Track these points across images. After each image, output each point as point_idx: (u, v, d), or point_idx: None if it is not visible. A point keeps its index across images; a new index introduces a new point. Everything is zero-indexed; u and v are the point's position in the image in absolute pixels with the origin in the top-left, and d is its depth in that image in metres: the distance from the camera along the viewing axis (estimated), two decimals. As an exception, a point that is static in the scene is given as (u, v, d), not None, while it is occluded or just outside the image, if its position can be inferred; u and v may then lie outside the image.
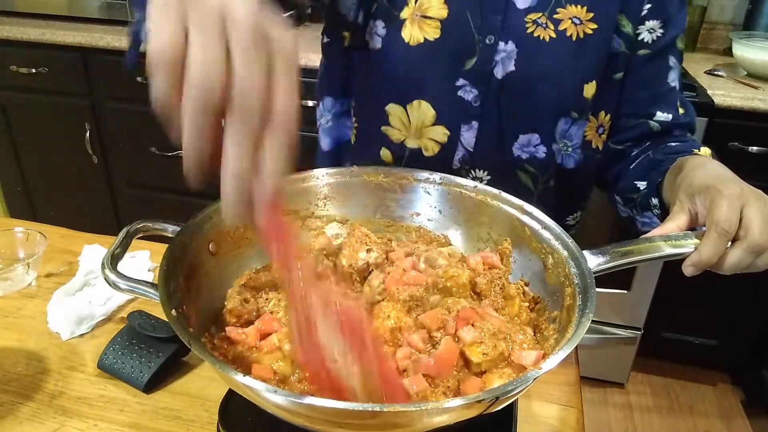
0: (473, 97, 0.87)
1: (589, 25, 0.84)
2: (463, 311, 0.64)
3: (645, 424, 2.14)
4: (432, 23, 0.85)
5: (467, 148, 0.90)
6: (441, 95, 0.88)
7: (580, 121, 0.89)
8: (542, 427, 0.72)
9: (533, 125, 0.89)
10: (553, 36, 0.84)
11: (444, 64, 0.86)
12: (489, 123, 0.88)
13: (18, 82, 2.35)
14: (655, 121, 0.91)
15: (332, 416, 0.48)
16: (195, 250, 0.66)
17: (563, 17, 0.84)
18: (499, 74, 0.86)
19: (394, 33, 0.86)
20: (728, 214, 0.61)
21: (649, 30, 0.87)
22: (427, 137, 0.90)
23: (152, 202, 2.52)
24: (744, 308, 2.09)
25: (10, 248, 0.98)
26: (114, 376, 0.76)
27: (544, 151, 0.90)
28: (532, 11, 0.85)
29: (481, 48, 0.85)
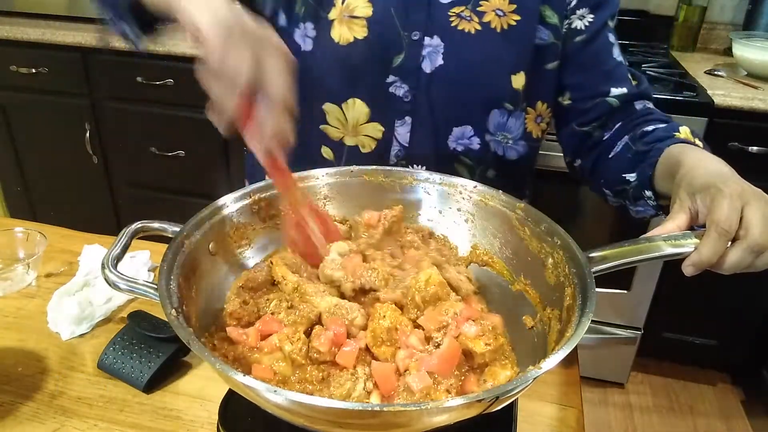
0: (404, 93, 0.89)
1: (513, 16, 0.86)
2: (464, 311, 0.64)
3: (645, 424, 2.14)
4: (359, 22, 0.86)
5: (402, 143, 0.91)
6: (373, 92, 0.89)
7: (516, 113, 0.91)
8: (542, 427, 0.73)
9: (465, 118, 0.90)
10: (479, 28, 0.85)
11: (374, 61, 0.88)
12: (422, 117, 0.90)
13: (18, 82, 2.35)
14: (612, 97, 0.92)
15: (332, 416, 0.48)
16: (195, 250, 0.66)
17: (486, 9, 0.86)
18: (428, 69, 0.87)
19: (324, 34, 0.88)
20: (728, 213, 0.61)
21: (579, 17, 0.89)
22: (363, 134, 0.92)
23: (152, 202, 2.52)
24: (744, 308, 2.09)
25: (10, 248, 0.98)
26: (114, 376, 0.76)
27: (478, 143, 0.92)
28: (456, 5, 0.86)
29: (407, 44, 0.87)
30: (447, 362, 0.59)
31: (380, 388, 0.58)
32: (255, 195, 0.75)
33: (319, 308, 0.66)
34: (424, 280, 0.67)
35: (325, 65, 0.89)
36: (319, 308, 0.66)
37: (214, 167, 2.35)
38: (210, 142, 2.30)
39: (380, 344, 0.62)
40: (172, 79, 2.20)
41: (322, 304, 0.66)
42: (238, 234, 0.74)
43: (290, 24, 0.90)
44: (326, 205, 0.82)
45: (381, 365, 0.60)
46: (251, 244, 0.76)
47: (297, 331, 0.62)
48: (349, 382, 0.57)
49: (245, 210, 0.75)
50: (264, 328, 0.63)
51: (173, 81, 2.20)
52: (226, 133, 0.61)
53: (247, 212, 0.75)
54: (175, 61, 2.16)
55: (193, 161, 2.36)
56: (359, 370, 0.59)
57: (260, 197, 0.76)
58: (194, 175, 2.38)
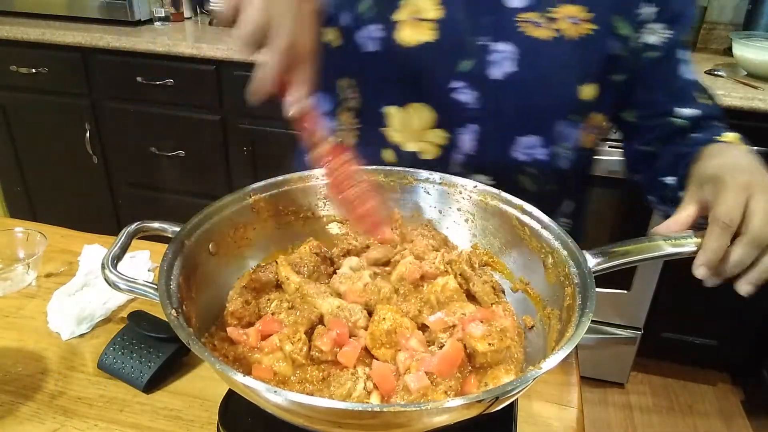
0: (470, 99, 0.85)
1: (587, 25, 0.82)
2: (476, 313, 0.65)
3: (645, 424, 2.14)
4: (428, 24, 0.83)
5: (466, 151, 0.88)
6: (439, 98, 0.86)
7: (577, 123, 0.88)
8: (542, 427, 0.73)
9: (533, 127, 0.87)
10: (554, 35, 0.82)
11: (440, 66, 0.85)
12: (488, 126, 0.87)
13: (18, 82, 2.35)
14: (677, 117, 0.88)
15: (332, 416, 0.48)
16: (195, 250, 0.66)
17: (559, 16, 0.82)
18: (497, 76, 0.84)
19: (389, 35, 0.85)
20: (730, 206, 0.60)
21: (653, 32, 0.85)
22: (425, 140, 0.89)
23: (152, 202, 2.52)
24: (744, 308, 2.09)
25: (10, 248, 0.98)
26: (114, 376, 0.76)
27: (545, 154, 0.88)
28: (526, 11, 0.83)
29: (475, 49, 0.83)
30: (448, 363, 0.59)
31: (380, 388, 0.58)
32: (255, 195, 0.75)
33: (320, 309, 0.66)
34: (441, 285, 0.68)
35: (390, 67, 0.87)
36: (321, 309, 0.66)
37: (214, 167, 2.35)
38: (210, 142, 2.30)
39: (379, 346, 0.62)
40: (172, 79, 2.20)
41: (324, 305, 0.67)
42: (238, 234, 0.74)
43: (355, 24, 0.88)
44: (326, 205, 0.81)
45: (380, 365, 0.60)
46: (251, 244, 0.76)
47: (297, 331, 0.62)
48: (349, 382, 0.57)
49: (245, 210, 0.75)
50: (264, 328, 0.63)
51: (173, 81, 2.20)
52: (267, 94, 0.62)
53: (247, 212, 0.75)
54: (175, 61, 2.16)
55: (193, 161, 2.36)
56: (359, 370, 0.59)
57: (260, 197, 0.76)
58: (194, 175, 2.38)
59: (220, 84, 2.18)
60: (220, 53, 2.10)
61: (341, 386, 0.57)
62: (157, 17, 2.41)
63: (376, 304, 0.68)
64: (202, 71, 2.16)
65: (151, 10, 2.39)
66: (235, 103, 2.19)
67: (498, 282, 0.74)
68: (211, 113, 2.24)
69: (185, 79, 2.20)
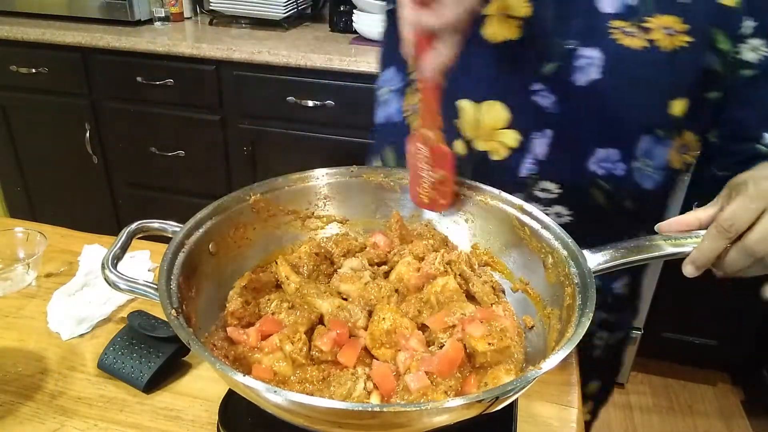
0: (549, 104, 0.81)
1: (683, 37, 0.76)
2: (473, 314, 0.65)
3: (645, 424, 2.14)
4: (514, 22, 0.79)
5: (538, 156, 0.83)
6: (516, 98, 0.82)
7: (665, 140, 0.82)
8: (542, 427, 0.72)
9: (613, 140, 0.82)
10: (646, 45, 0.76)
11: (522, 65, 0.81)
12: (564, 132, 0.82)
13: (18, 82, 2.35)
14: (764, 145, 0.82)
15: (332, 416, 0.48)
16: (195, 250, 0.66)
17: (654, 26, 0.76)
18: (581, 81, 0.79)
19: (475, 28, 0.80)
20: (734, 212, 0.60)
21: (753, 49, 0.79)
22: (496, 140, 0.85)
23: (152, 202, 2.52)
24: (744, 308, 2.09)
25: (10, 248, 0.98)
26: (114, 376, 0.76)
27: (623, 169, 0.82)
28: (619, 18, 0.77)
29: (562, 52, 0.79)
30: (448, 363, 0.59)
31: (380, 388, 0.58)
32: (255, 195, 0.75)
33: (320, 309, 0.66)
34: (441, 285, 0.68)
35: (469, 61, 0.81)
36: (321, 309, 0.66)
37: (214, 167, 2.35)
38: (210, 142, 2.30)
39: (379, 346, 0.62)
40: (172, 79, 2.20)
41: (324, 305, 0.67)
42: (238, 234, 0.74)
43: None
44: (326, 205, 0.81)
45: (380, 365, 0.60)
46: (251, 244, 0.76)
47: (297, 331, 0.62)
48: (349, 382, 0.57)
49: (245, 210, 0.75)
50: (264, 328, 0.63)
51: (173, 81, 2.20)
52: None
53: (247, 212, 0.75)
54: (175, 61, 2.16)
55: (193, 161, 2.36)
56: (359, 370, 0.59)
57: (260, 197, 0.76)
58: (194, 175, 2.38)
59: (220, 84, 2.18)
60: (220, 53, 2.10)
61: (341, 386, 0.57)
62: (157, 17, 2.41)
63: (376, 304, 0.68)
64: (202, 71, 2.16)
65: (151, 10, 2.39)
66: (235, 103, 2.19)
67: (498, 282, 0.74)
68: (211, 113, 2.24)
69: (185, 79, 2.20)
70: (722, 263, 0.61)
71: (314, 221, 0.81)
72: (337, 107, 2.11)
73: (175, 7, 2.44)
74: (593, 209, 0.84)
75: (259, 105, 2.17)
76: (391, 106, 0.98)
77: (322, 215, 0.81)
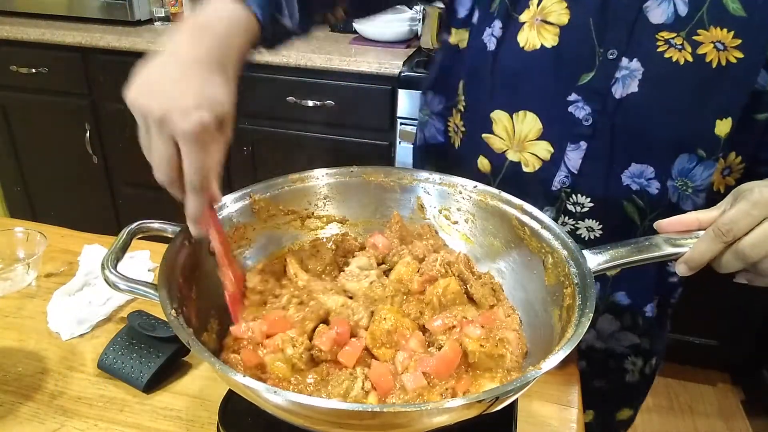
0: (585, 115, 0.78)
1: (734, 52, 0.72)
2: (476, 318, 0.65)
3: (645, 424, 2.14)
4: (551, 29, 0.77)
5: (571, 169, 0.81)
6: (550, 108, 0.80)
7: (708, 162, 0.78)
8: (542, 427, 0.73)
9: (649, 156, 0.79)
10: (690, 60, 0.73)
11: (558, 75, 0.78)
12: (599, 146, 0.79)
13: (18, 82, 2.35)
14: None
15: (332, 416, 0.48)
16: (195, 249, 0.66)
17: (704, 40, 0.72)
18: (618, 94, 0.76)
19: (511, 36, 0.79)
20: (733, 216, 0.59)
21: None
22: (528, 151, 0.83)
23: (152, 202, 2.51)
24: (744, 308, 2.09)
25: (10, 248, 0.98)
26: (114, 376, 0.76)
27: (657, 187, 0.79)
28: (667, 29, 0.73)
29: (600, 62, 0.76)
30: (445, 364, 0.59)
31: (377, 388, 0.58)
32: (255, 195, 0.75)
33: (327, 305, 0.66)
34: (443, 286, 0.68)
35: (504, 70, 0.81)
36: (327, 305, 0.66)
37: (214, 167, 2.35)
38: (210, 142, 2.30)
39: (380, 346, 0.62)
40: (172, 79, 2.20)
41: (329, 302, 0.67)
42: (238, 234, 0.74)
43: (481, 23, 0.82)
44: (326, 205, 0.81)
45: (379, 365, 0.60)
46: (251, 244, 0.76)
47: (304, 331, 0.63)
48: (347, 381, 0.57)
49: (245, 210, 0.75)
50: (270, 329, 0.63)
51: (173, 81, 2.20)
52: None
53: (247, 212, 0.75)
54: (175, 61, 2.16)
55: (193, 161, 2.36)
56: (358, 369, 0.59)
57: (260, 197, 0.76)
58: (194, 175, 2.38)
59: (220, 84, 2.18)
60: (220, 53, 2.09)
61: (339, 385, 0.57)
62: (157, 17, 2.41)
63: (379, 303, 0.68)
64: (202, 71, 2.16)
65: (151, 10, 2.39)
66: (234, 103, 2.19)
67: (498, 283, 0.74)
68: (211, 113, 2.24)
69: (185, 79, 2.20)
70: (717, 264, 0.60)
71: (314, 221, 0.81)
72: (337, 107, 2.11)
73: (175, 7, 2.44)
74: (625, 225, 0.82)
75: (259, 105, 2.17)
76: (428, 128, 0.98)
77: (321, 215, 0.81)
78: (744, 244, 0.58)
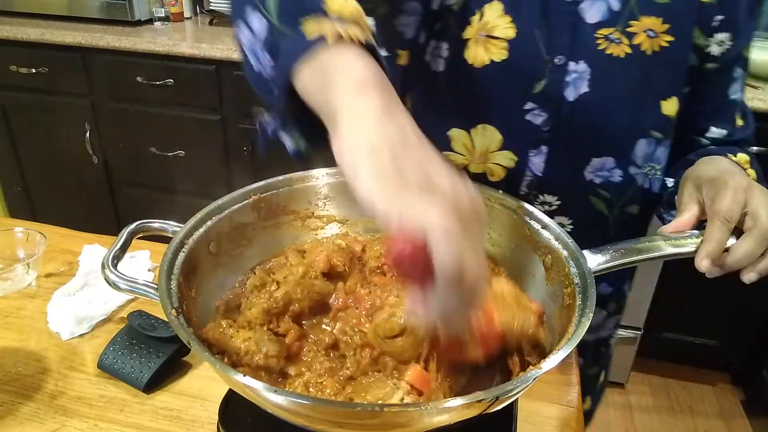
0: (542, 121, 0.81)
1: (665, 37, 0.77)
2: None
3: (645, 424, 2.14)
4: (498, 44, 0.78)
5: (536, 173, 0.84)
6: (508, 119, 0.82)
7: (666, 141, 0.83)
8: (542, 427, 0.73)
9: (607, 148, 0.82)
10: (628, 52, 0.77)
11: (511, 87, 0.80)
12: (559, 147, 0.82)
13: (18, 82, 2.35)
14: (708, 138, 0.87)
15: (332, 416, 0.48)
16: (195, 249, 0.66)
17: (637, 30, 0.77)
18: (571, 96, 0.79)
19: (457, 54, 0.80)
20: (730, 204, 0.62)
21: (718, 43, 0.80)
22: (492, 162, 0.85)
23: (152, 202, 2.52)
24: (744, 308, 2.09)
25: (10, 248, 0.98)
26: (114, 376, 0.76)
27: (620, 175, 0.83)
28: (604, 26, 0.77)
29: (550, 69, 0.79)
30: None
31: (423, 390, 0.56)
32: (255, 195, 0.75)
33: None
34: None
35: (457, 89, 0.82)
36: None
37: (214, 167, 2.35)
38: (210, 142, 2.30)
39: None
40: (172, 79, 2.20)
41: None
42: (238, 234, 0.74)
43: (427, 44, 0.83)
44: (326, 205, 0.81)
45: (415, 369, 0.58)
46: (251, 244, 0.76)
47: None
48: (387, 388, 0.55)
49: (245, 210, 0.75)
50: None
51: (173, 81, 2.21)
52: None
53: (247, 212, 0.75)
54: (175, 61, 2.16)
55: (193, 161, 2.36)
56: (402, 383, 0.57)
57: (260, 197, 0.76)
58: (194, 175, 2.38)
59: (220, 84, 2.18)
60: (220, 53, 2.10)
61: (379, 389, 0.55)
62: (157, 17, 2.41)
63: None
64: (202, 71, 2.16)
65: (151, 10, 2.39)
66: (235, 103, 2.19)
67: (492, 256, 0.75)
68: (211, 113, 2.24)
69: (185, 79, 2.20)
70: (734, 255, 0.62)
71: (314, 221, 0.81)
72: (337, 107, 2.11)
73: (175, 7, 2.44)
74: (594, 217, 0.85)
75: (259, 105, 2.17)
76: None
77: (322, 215, 0.81)
78: (764, 224, 0.61)
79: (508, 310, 0.59)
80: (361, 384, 0.58)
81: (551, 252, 0.69)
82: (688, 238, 0.65)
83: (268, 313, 0.63)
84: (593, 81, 0.78)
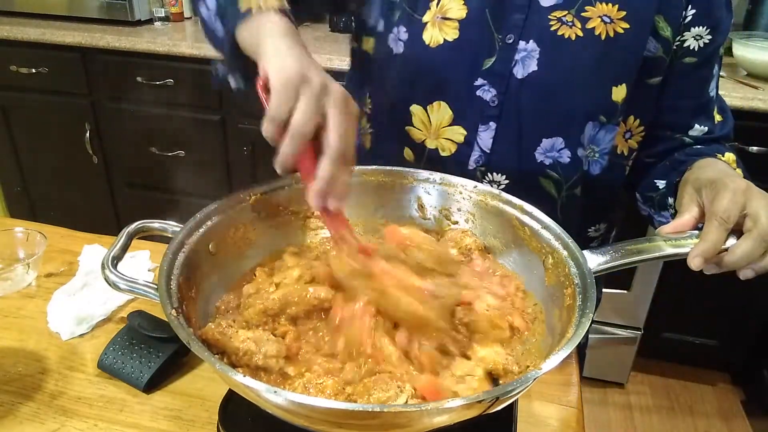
0: (491, 97, 0.85)
1: (621, 24, 0.80)
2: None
3: (645, 424, 2.14)
4: (451, 24, 0.84)
5: (483, 149, 0.87)
6: (460, 95, 0.86)
7: (609, 126, 0.85)
8: (542, 427, 0.73)
9: (557, 129, 0.85)
10: (580, 35, 0.80)
11: (462, 64, 0.85)
12: (507, 124, 0.85)
13: (18, 82, 2.35)
14: (690, 136, 0.89)
15: (332, 416, 0.48)
16: (195, 250, 0.66)
17: (592, 15, 0.80)
18: (520, 74, 0.83)
19: (416, 36, 0.86)
20: (728, 205, 0.63)
21: (695, 37, 0.82)
22: (444, 137, 0.89)
23: (152, 202, 2.52)
24: (744, 308, 2.09)
25: (10, 248, 0.98)
26: (114, 376, 0.76)
27: (568, 156, 0.86)
28: (558, 9, 0.81)
29: (500, 47, 0.83)
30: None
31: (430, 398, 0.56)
32: (255, 195, 0.75)
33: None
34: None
35: (415, 68, 0.87)
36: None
37: (214, 167, 2.35)
38: (210, 142, 2.30)
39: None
40: (172, 79, 2.20)
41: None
42: (238, 234, 0.74)
43: (386, 29, 0.89)
44: (326, 205, 0.81)
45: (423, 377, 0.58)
46: (251, 244, 0.76)
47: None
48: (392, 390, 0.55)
49: (245, 210, 0.75)
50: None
51: (173, 81, 2.20)
52: (284, 174, 0.63)
53: (247, 212, 0.75)
54: (175, 61, 2.16)
55: (193, 161, 2.36)
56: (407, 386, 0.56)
57: (260, 197, 0.76)
58: (194, 175, 2.38)
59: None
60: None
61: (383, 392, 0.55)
62: (157, 17, 2.41)
63: None
64: (202, 71, 2.16)
65: (151, 10, 2.39)
66: (235, 103, 2.19)
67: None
68: (211, 113, 2.24)
69: (185, 79, 2.20)
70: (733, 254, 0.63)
71: (314, 221, 0.81)
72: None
73: (175, 7, 2.44)
74: (543, 199, 0.86)
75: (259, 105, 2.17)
76: None
77: (322, 215, 0.81)
78: (764, 225, 0.61)
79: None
80: (364, 385, 0.58)
81: (551, 252, 0.69)
82: (688, 238, 0.65)
83: (265, 314, 0.63)
84: (542, 60, 0.82)
